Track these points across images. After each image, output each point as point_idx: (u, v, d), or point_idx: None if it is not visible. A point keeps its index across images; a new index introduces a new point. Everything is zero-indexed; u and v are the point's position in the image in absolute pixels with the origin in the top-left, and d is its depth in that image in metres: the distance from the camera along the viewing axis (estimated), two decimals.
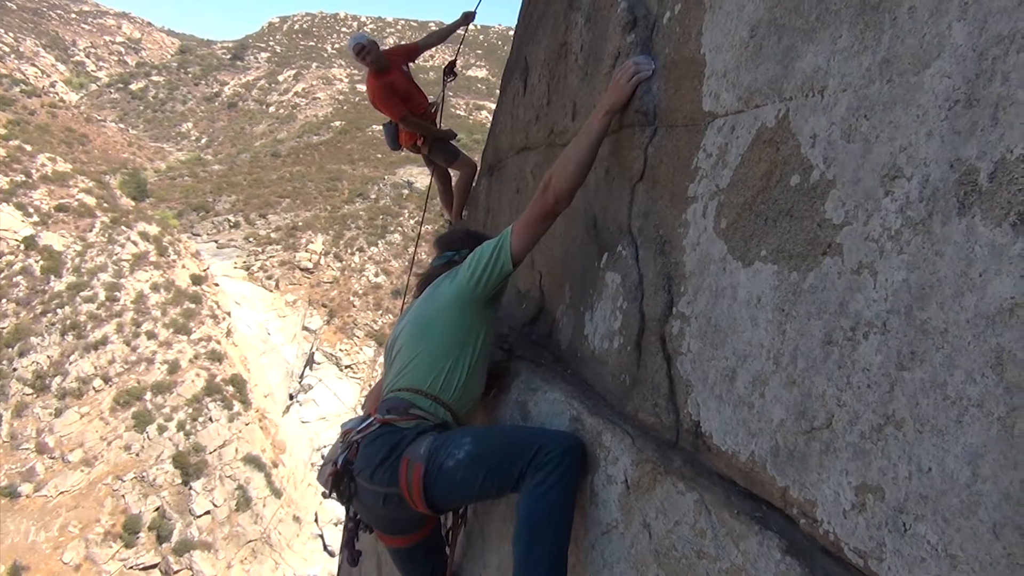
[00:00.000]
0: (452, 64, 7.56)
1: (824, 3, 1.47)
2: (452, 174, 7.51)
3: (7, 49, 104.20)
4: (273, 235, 74.23)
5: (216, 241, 75.57)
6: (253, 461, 45.40)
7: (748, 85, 1.72)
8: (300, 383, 58.03)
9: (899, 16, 1.27)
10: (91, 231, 55.10)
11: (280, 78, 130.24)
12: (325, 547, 44.29)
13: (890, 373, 1.22)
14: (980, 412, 1.05)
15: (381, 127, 7.45)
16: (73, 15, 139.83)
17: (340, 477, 2.62)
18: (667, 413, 1.99)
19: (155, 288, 53.05)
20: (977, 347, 1.06)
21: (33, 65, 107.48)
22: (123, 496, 40.71)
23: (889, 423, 1.21)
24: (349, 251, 72.20)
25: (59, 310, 48.45)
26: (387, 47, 6.92)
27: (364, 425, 2.61)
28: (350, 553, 2.94)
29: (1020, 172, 1.00)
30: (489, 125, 6.70)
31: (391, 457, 2.45)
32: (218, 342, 51.92)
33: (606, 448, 2.11)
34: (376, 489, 2.50)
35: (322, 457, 50.76)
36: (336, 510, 43.79)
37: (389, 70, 6.65)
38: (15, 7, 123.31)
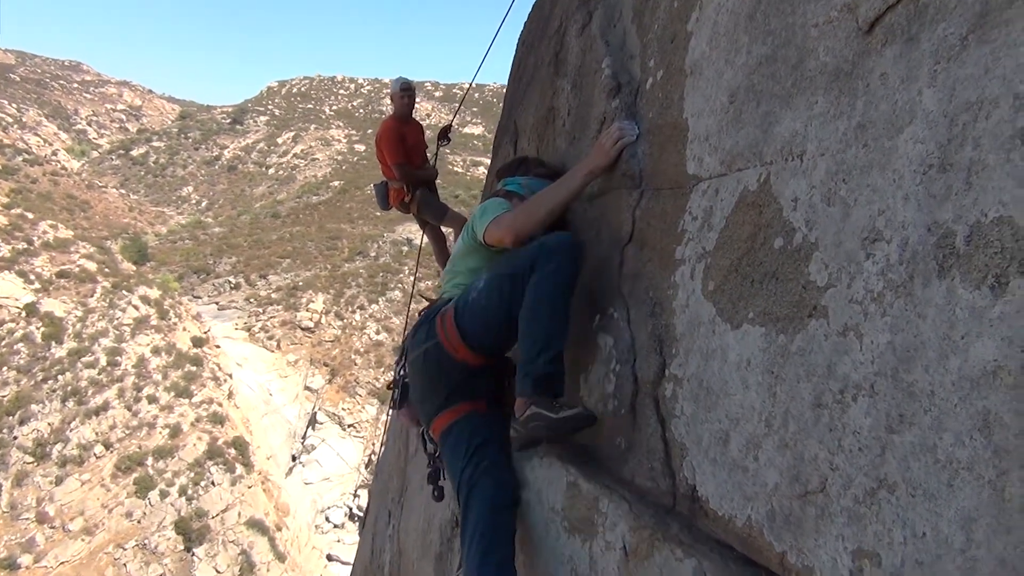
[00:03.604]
0: (447, 129, 7.66)
1: (799, 70, 1.51)
2: (444, 231, 7.56)
3: (10, 120, 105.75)
4: (274, 295, 74.19)
5: (217, 303, 75.51)
6: (256, 525, 44.58)
7: (730, 149, 1.75)
8: (303, 444, 57.33)
9: (871, 83, 1.30)
10: (92, 296, 55.08)
11: (279, 140, 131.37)
12: None
13: (880, 436, 1.21)
14: (971, 475, 1.04)
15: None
16: (75, 85, 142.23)
17: (396, 383, 3.16)
18: (663, 477, 1.96)
19: (156, 352, 52.85)
20: (964, 410, 1.06)
21: (36, 135, 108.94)
22: (124, 565, 39.83)
23: (882, 487, 1.20)
24: (350, 309, 72.10)
25: (60, 376, 48.11)
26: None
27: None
28: (435, 489, 3.07)
29: (995, 235, 1.02)
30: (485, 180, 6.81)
31: (427, 320, 2.81)
32: (220, 404, 51.46)
33: (603, 514, 2.07)
34: (418, 351, 2.78)
35: (327, 519, 50.10)
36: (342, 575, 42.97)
37: (408, 123, 7.03)
38: (18, 79, 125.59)
